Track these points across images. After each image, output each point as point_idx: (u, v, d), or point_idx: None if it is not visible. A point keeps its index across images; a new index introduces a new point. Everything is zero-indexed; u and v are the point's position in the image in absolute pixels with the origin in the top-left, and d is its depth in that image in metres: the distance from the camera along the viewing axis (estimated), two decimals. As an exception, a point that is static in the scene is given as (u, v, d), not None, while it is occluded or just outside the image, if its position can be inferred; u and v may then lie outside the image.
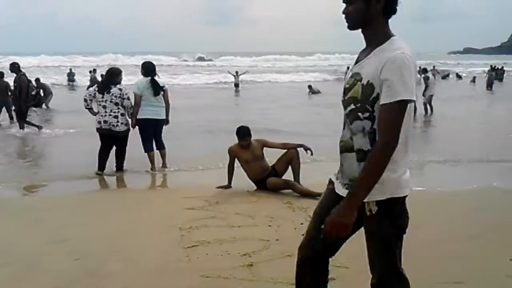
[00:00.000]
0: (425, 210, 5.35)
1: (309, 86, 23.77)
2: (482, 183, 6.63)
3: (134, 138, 7.37)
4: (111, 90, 7.04)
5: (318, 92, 23.00)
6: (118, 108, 7.03)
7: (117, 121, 7.02)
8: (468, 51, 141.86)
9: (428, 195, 6.07)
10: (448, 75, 37.68)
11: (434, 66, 36.11)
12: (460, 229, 4.62)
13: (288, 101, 19.47)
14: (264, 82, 31.61)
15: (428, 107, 15.14)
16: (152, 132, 7.31)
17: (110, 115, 7.00)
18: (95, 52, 61.80)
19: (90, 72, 25.61)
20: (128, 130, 7.22)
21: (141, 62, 7.85)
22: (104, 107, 7.02)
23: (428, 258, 3.87)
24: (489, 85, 25.88)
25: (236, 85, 26.41)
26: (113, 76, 7.23)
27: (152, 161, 7.36)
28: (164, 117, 7.38)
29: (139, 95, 7.13)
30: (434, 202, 5.68)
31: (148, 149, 7.33)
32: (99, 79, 19.38)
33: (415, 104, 2.05)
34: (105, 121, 7.01)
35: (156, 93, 7.19)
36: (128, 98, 7.14)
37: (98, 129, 7.11)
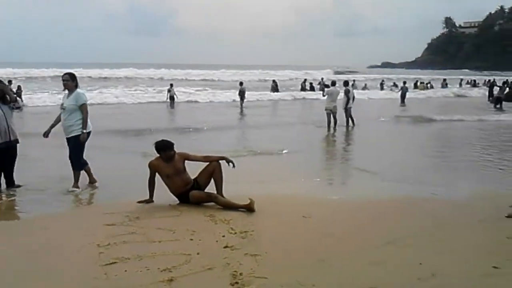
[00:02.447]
0: (343, 219, 5.58)
1: (273, 81, 23.45)
2: (400, 192, 6.95)
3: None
4: None
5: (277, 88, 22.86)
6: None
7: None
8: (386, 65, 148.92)
9: (347, 204, 6.33)
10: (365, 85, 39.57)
11: (354, 80, 37.65)
12: (377, 236, 4.83)
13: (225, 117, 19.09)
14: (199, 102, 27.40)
15: (350, 119, 15.62)
16: None
17: None
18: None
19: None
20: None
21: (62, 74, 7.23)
22: None
23: (347, 266, 4.04)
24: (402, 99, 27.33)
25: (171, 98, 25.11)
26: None
27: (78, 178, 7.00)
28: None
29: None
30: (353, 211, 5.92)
31: (84, 164, 7.10)
32: None
33: (335, 116, 2.01)
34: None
35: None
36: None
37: None
